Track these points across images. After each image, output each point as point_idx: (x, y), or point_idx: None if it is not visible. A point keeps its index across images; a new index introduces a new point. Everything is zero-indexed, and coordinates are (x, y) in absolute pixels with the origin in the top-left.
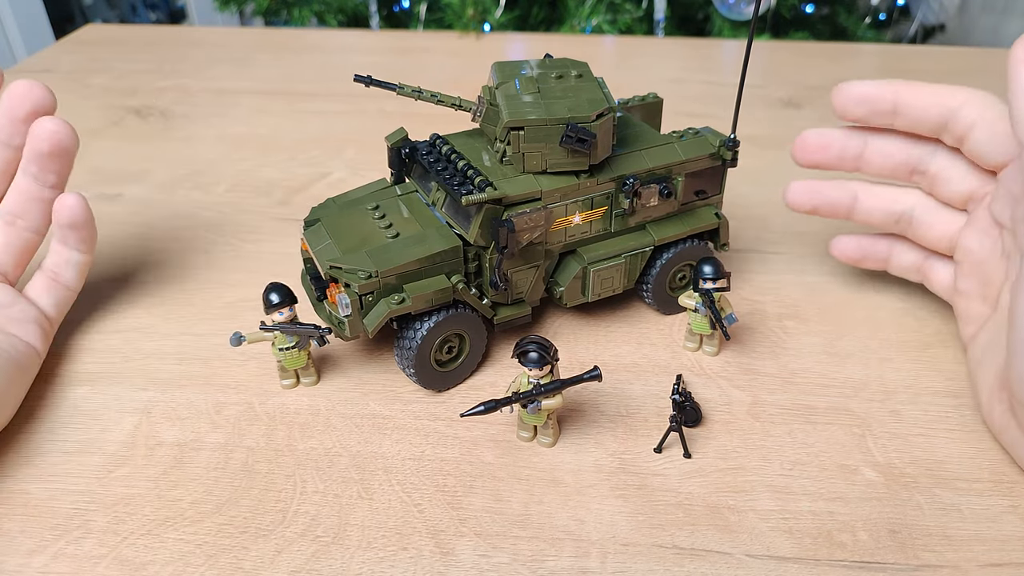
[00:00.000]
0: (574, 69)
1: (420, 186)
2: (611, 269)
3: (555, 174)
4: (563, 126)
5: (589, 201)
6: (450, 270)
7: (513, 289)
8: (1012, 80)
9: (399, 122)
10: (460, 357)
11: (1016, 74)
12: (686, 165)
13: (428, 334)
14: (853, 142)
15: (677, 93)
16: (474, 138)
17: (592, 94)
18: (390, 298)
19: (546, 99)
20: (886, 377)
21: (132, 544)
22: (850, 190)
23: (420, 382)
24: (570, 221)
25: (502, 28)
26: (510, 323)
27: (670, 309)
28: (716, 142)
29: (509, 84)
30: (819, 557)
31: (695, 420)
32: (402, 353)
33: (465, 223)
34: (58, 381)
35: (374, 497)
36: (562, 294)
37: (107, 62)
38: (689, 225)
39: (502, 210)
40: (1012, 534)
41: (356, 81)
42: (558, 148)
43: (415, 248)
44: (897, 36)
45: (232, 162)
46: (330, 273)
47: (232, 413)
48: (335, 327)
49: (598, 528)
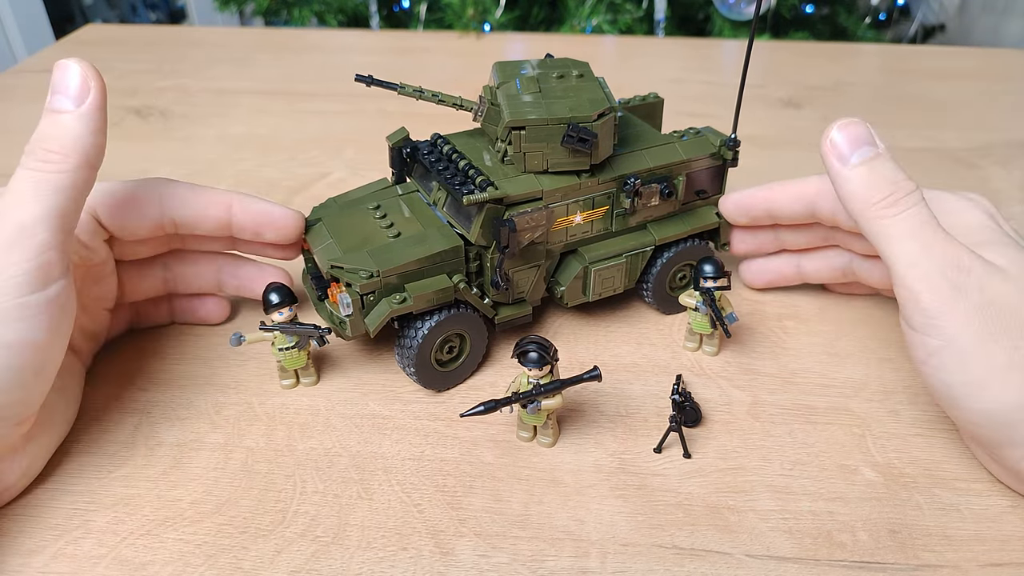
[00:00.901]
0: (575, 69)
1: (421, 186)
2: (612, 269)
3: (556, 174)
4: (564, 126)
5: (590, 201)
6: (451, 270)
7: (514, 289)
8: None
9: (400, 122)
10: (461, 357)
11: (827, 166)
12: (687, 165)
13: (429, 334)
14: (788, 266)
15: (677, 93)
16: (475, 138)
17: (593, 94)
18: (391, 298)
19: (547, 99)
20: (886, 377)
21: (132, 544)
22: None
23: (421, 382)
24: (571, 221)
25: (502, 28)
26: (511, 323)
27: (670, 309)
28: (717, 142)
29: (510, 84)
30: (819, 557)
31: (695, 420)
32: (403, 352)
33: (466, 223)
34: None
35: (374, 497)
36: (563, 294)
37: (107, 62)
38: (690, 225)
39: (503, 210)
40: (1012, 534)
41: (357, 81)
42: (559, 148)
43: (416, 248)
44: (897, 36)
45: (232, 162)
46: (331, 272)
47: (232, 413)
48: (336, 327)
49: (598, 528)
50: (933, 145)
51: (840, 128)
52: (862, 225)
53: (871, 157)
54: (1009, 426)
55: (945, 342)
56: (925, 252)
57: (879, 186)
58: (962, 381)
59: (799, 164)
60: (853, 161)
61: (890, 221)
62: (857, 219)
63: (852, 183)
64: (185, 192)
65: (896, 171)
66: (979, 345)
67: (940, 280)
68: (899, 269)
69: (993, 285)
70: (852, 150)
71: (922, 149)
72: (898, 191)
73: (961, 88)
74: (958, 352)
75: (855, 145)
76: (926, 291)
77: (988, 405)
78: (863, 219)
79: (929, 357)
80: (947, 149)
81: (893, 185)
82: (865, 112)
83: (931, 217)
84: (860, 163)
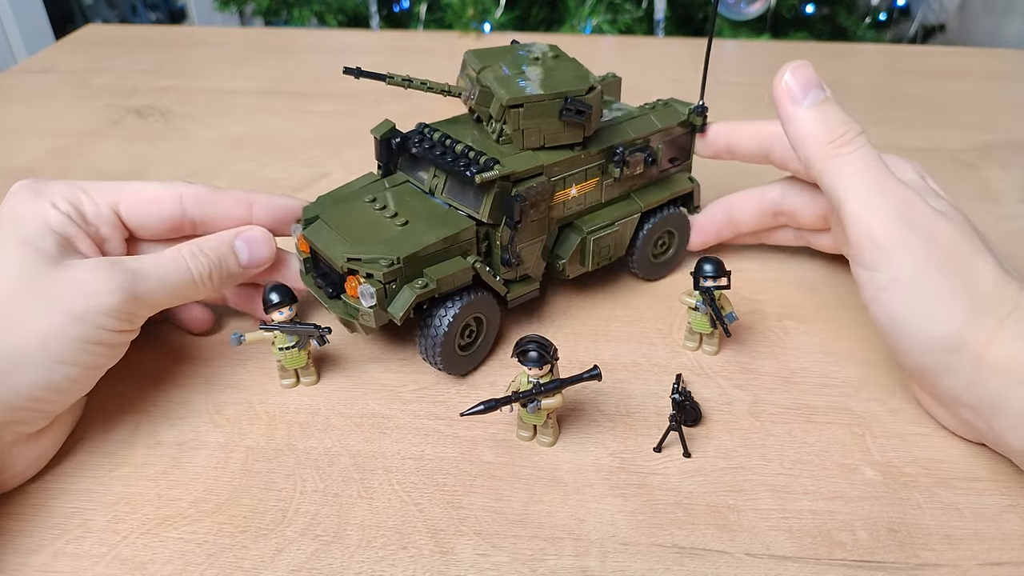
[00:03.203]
0: (550, 51)
1: (411, 175)
2: (608, 237)
3: (552, 149)
4: (560, 101)
5: (584, 173)
6: (464, 252)
7: (522, 265)
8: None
9: (400, 121)
10: (479, 339)
11: (779, 108)
12: (662, 134)
13: (454, 319)
14: (721, 218)
15: (677, 93)
16: (459, 124)
17: (577, 70)
18: (413, 283)
19: (537, 77)
20: (886, 377)
21: (132, 543)
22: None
23: (446, 369)
24: (568, 194)
25: (502, 28)
26: (521, 299)
27: (655, 275)
28: (685, 110)
29: (495, 67)
30: (819, 556)
31: (695, 419)
32: (428, 342)
33: (473, 203)
34: None
35: (374, 496)
36: (564, 266)
37: (107, 62)
38: (669, 190)
39: (511, 187)
40: (1012, 532)
41: (345, 73)
42: (555, 123)
43: (430, 232)
44: (897, 36)
45: (232, 162)
46: (348, 266)
47: (232, 413)
48: (355, 321)
49: (598, 527)
50: (933, 145)
51: (792, 71)
52: (815, 165)
53: (822, 100)
54: (949, 352)
55: (894, 276)
56: (877, 188)
57: (831, 127)
58: (908, 312)
59: None
60: (805, 104)
61: (843, 160)
62: (809, 158)
63: (806, 123)
64: (206, 193)
65: (844, 114)
66: (925, 276)
67: (891, 215)
68: (851, 206)
69: (936, 223)
70: (804, 93)
71: (922, 149)
72: (849, 132)
73: (961, 88)
74: (906, 284)
75: (806, 88)
76: (879, 225)
77: (931, 332)
78: (816, 158)
79: (878, 293)
80: (947, 149)
81: (844, 126)
82: (865, 112)
83: (879, 158)
84: (812, 106)
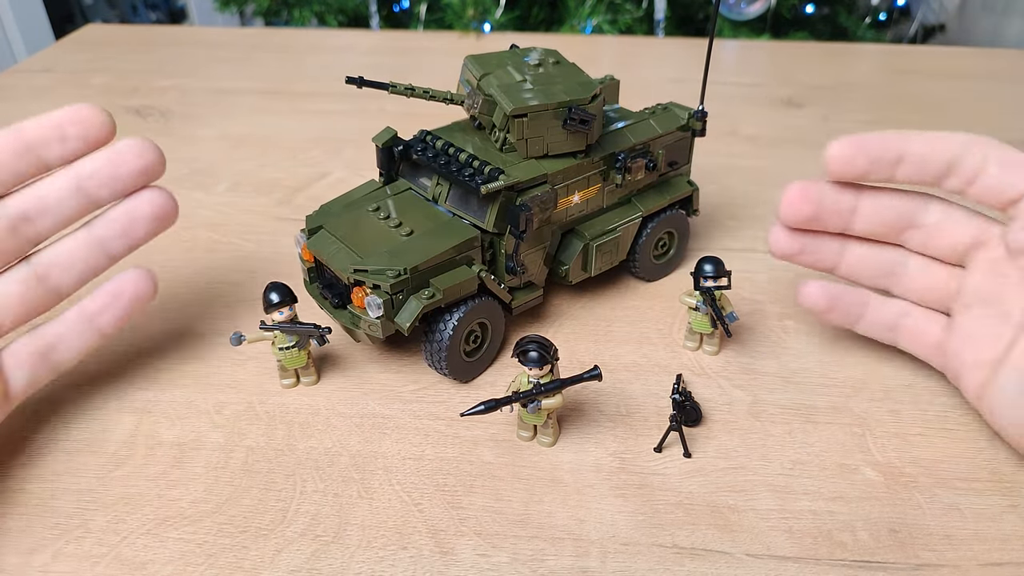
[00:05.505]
0: (550, 57)
1: (413, 183)
2: (610, 243)
3: (555, 157)
4: (564, 110)
5: (586, 180)
6: (469, 261)
7: (526, 272)
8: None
9: (399, 122)
10: (484, 346)
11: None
12: (662, 138)
13: (458, 325)
14: (845, 197)
15: (677, 93)
16: (460, 130)
17: (580, 77)
18: (420, 294)
19: (540, 85)
20: (886, 377)
21: (132, 543)
22: (836, 241)
23: (453, 375)
24: (570, 201)
25: (502, 28)
26: (525, 307)
27: (656, 276)
28: (684, 115)
29: (498, 73)
30: (819, 556)
31: (695, 420)
32: (433, 349)
33: (478, 213)
34: (58, 381)
35: (374, 496)
36: (567, 272)
37: (107, 62)
38: (669, 195)
39: (515, 196)
40: (1012, 533)
41: (348, 83)
42: (558, 131)
43: (435, 243)
44: (897, 36)
45: (232, 162)
46: (355, 277)
47: (232, 413)
48: (363, 331)
49: (598, 527)
50: None
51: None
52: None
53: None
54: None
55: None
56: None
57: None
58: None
59: (800, 163)
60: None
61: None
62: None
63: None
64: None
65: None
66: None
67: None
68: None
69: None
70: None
71: None
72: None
73: (961, 88)
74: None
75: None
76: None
77: None
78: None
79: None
80: None
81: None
82: (865, 112)
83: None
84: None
